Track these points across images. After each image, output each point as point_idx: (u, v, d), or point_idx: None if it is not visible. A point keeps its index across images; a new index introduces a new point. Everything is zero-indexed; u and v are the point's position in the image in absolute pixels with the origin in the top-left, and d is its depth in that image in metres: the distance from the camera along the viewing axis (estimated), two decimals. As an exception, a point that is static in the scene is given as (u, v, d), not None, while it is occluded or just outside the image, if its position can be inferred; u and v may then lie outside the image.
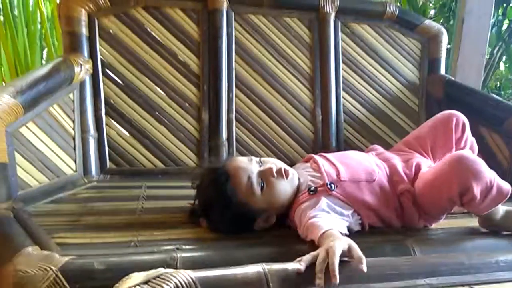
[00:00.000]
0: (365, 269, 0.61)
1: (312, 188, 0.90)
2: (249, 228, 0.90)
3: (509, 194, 0.86)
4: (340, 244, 0.65)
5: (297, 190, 0.93)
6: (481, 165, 0.84)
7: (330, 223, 0.78)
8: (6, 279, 0.69)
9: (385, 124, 1.52)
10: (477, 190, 0.83)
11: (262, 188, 0.88)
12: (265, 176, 0.90)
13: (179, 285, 0.54)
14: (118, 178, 1.25)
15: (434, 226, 0.97)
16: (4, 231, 0.81)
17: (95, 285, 0.67)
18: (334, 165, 0.95)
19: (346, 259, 0.65)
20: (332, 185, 0.89)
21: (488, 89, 2.63)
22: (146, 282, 0.54)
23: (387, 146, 1.39)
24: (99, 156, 1.26)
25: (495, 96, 1.67)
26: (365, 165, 0.96)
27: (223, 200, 0.87)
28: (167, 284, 0.53)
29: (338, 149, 1.43)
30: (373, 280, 0.60)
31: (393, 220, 0.93)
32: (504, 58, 2.64)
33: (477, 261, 0.68)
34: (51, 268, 0.68)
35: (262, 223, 0.90)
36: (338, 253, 0.63)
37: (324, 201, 0.87)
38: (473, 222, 1.02)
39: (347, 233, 0.81)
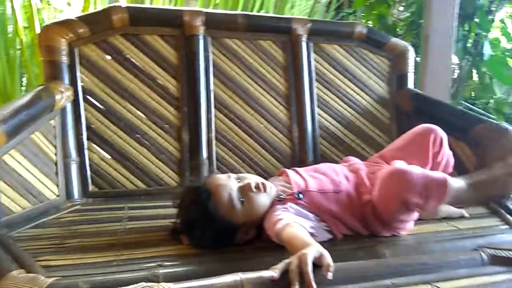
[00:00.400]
0: (330, 277, 0.66)
1: (282, 196, 0.96)
2: (230, 242, 0.94)
3: (447, 181, 0.92)
4: (312, 251, 0.70)
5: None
6: (410, 173, 0.90)
7: (293, 217, 0.85)
8: (-7, 302, 0.71)
9: (358, 137, 1.59)
10: (415, 198, 0.89)
11: (242, 203, 0.93)
12: (245, 191, 0.95)
13: (160, 297, 0.57)
14: (101, 200, 1.27)
15: (405, 232, 1.02)
16: (-11, 256, 0.83)
17: (80, 304, 0.70)
18: (303, 177, 1.01)
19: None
20: (300, 194, 0.96)
21: (460, 100, 2.75)
22: (128, 296, 0.57)
23: (362, 158, 1.45)
24: (81, 179, 1.28)
25: (459, 108, 1.76)
26: (333, 177, 1.02)
27: (206, 217, 0.91)
28: (148, 297, 0.56)
29: (315, 162, 1.48)
30: (340, 282, 0.64)
31: (359, 229, 0.98)
32: (473, 70, 2.77)
33: (439, 260, 0.73)
34: (36, 290, 0.71)
35: (243, 236, 0.95)
36: (310, 261, 0.67)
37: (290, 206, 0.93)
38: (442, 227, 1.08)
39: (313, 232, 0.87)
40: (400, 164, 1.02)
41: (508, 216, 1.19)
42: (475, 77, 2.89)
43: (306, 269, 0.65)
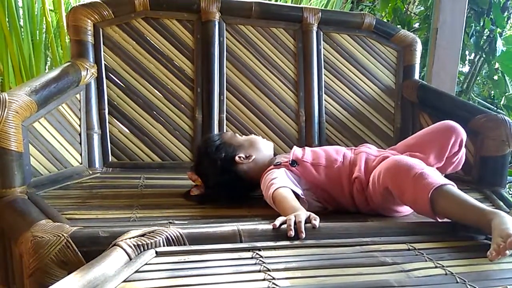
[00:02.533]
0: (317, 225, 0.77)
1: (278, 162, 1.07)
2: (232, 162, 1.09)
3: (434, 186, 0.84)
4: (304, 212, 0.80)
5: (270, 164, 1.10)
6: (407, 167, 0.88)
7: (286, 182, 0.95)
8: (25, 243, 0.82)
9: (363, 124, 1.66)
10: (396, 190, 0.91)
11: (242, 136, 1.15)
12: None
13: (169, 237, 0.67)
14: (119, 170, 1.38)
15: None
16: (21, 208, 0.95)
17: (100, 249, 0.79)
18: (304, 151, 1.11)
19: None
20: (294, 162, 1.06)
21: (472, 96, 2.77)
22: (142, 235, 0.67)
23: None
24: (102, 150, 1.39)
25: (461, 99, 1.81)
26: (331, 154, 1.11)
27: (212, 146, 1.11)
28: (160, 236, 0.66)
29: (320, 146, 1.55)
30: (325, 237, 0.73)
31: (347, 205, 1.07)
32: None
33: (416, 226, 0.81)
34: (63, 235, 0.81)
35: (244, 158, 1.10)
36: (303, 217, 0.78)
37: (283, 170, 1.03)
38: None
39: (303, 198, 0.98)
40: (406, 157, 0.97)
41: (499, 202, 1.26)
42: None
43: (300, 220, 0.76)
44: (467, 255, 0.74)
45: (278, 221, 0.77)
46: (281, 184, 0.95)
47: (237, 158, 1.10)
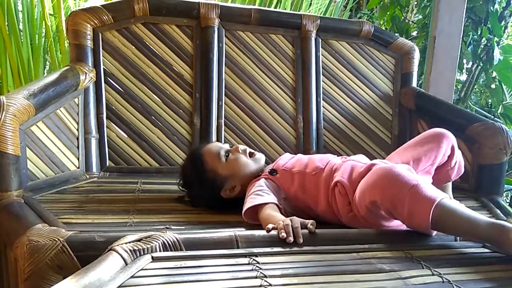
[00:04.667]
0: (313, 229, 0.78)
1: (260, 173, 1.10)
2: (217, 194, 1.08)
3: (435, 201, 0.78)
4: (297, 218, 0.81)
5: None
6: (397, 176, 0.81)
7: (266, 198, 0.97)
8: (21, 248, 0.82)
9: (361, 131, 1.67)
10: (383, 203, 0.83)
11: (227, 158, 1.09)
12: (232, 151, 1.12)
13: (166, 243, 0.67)
14: (117, 175, 1.38)
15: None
16: (17, 212, 0.94)
17: (96, 254, 0.78)
18: (290, 158, 1.13)
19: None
20: (274, 171, 1.08)
21: (469, 104, 2.79)
22: (138, 240, 0.67)
23: (363, 151, 1.53)
24: (99, 155, 1.39)
25: (458, 106, 1.82)
26: (313, 161, 1.09)
27: (197, 168, 1.09)
28: (156, 241, 0.66)
29: (318, 152, 1.56)
30: (322, 243, 0.73)
31: (322, 211, 1.01)
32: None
33: (414, 233, 0.81)
34: (58, 239, 0.81)
35: (228, 192, 1.09)
36: (298, 223, 0.79)
37: (262, 181, 1.05)
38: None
39: (279, 204, 0.99)
40: (396, 167, 0.87)
41: (496, 210, 1.26)
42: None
43: (296, 225, 0.77)
44: (464, 263, 0.73)
45: (271, 225, 0.78)
46: (260, 201, 0.96)
47: (222, 193, 1.10)
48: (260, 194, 0.99)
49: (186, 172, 1.15)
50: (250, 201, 0.97)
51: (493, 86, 2.79)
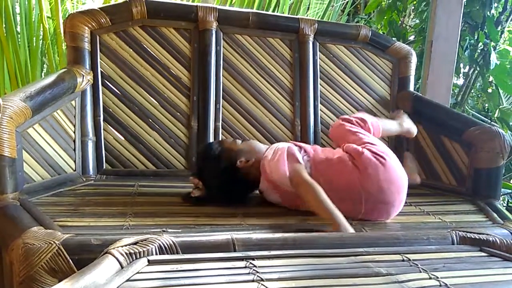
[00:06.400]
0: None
1: None
2: (233, 164, 1.15)
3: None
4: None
5: None
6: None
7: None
8: (16, 250, 0.81)
9: (358, 134, 1.67)
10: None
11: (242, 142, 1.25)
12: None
13: (162, 246, 0.66)
14: (113, 178, 1.37)
15: (391, 220, 1.11)
16: (13, 215, 0.94)
17: (92, 257, 0.78)
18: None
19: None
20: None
21: (466, 108, 2.80)
22: (135, 244, 0.67)
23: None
24: (96, 157, 1.38)
25: (455, 110, 1.82)
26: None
27: (212, 148, 1.19)
28: (152, 245, 0.65)
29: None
30: (320, 247, 0.73)
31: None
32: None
33: (411, 236, 0.81)
34: (54, 242, 0.81)
35: (244, 162, 1.16)
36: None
37: (292, 146, 1.18)
38: (428, 219, 1.16)
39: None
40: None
41: (493, 213, 1.26)
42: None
43: None
44: (461, 267, 0.73)
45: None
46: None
47: (238, 163, 1.16)
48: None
49: (203, 155, 1.24)
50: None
51: (489, 90, 2.81)
